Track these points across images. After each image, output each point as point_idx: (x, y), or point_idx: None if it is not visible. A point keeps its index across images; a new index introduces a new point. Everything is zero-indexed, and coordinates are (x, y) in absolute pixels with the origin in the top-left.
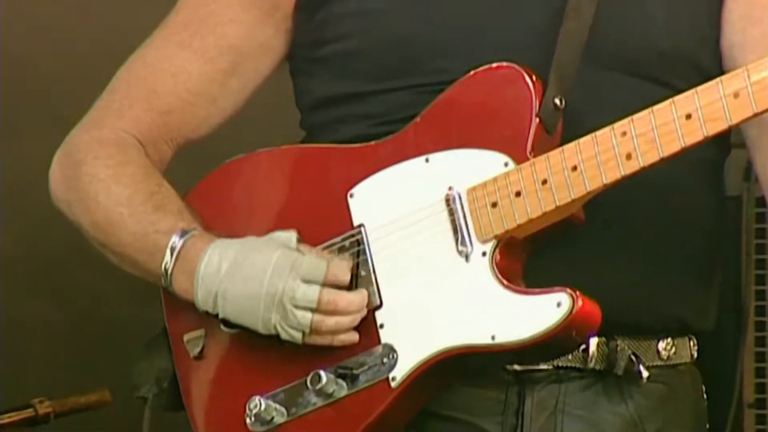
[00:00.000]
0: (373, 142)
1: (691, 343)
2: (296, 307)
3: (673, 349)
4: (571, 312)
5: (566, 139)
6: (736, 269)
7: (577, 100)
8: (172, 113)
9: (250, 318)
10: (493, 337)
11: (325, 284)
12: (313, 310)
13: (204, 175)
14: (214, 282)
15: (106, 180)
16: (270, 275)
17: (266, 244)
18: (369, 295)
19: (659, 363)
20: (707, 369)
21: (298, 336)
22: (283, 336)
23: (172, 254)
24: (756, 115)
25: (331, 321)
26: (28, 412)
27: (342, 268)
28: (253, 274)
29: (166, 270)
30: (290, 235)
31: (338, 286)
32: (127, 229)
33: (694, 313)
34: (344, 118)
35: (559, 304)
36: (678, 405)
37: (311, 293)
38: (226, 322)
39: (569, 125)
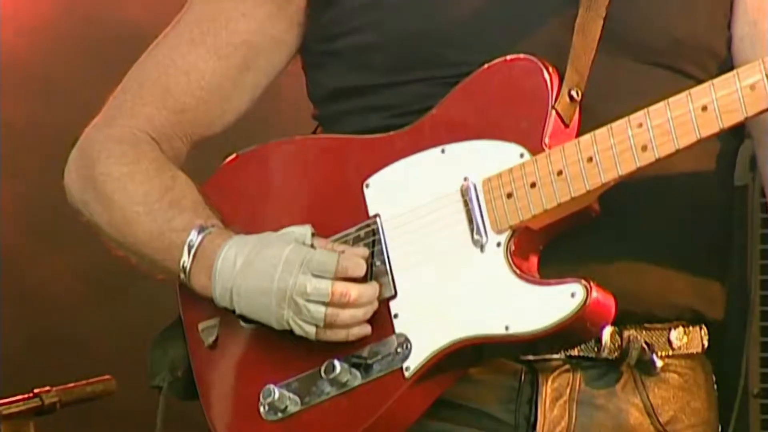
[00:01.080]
0: (389, 133)
1: (703, 333)
2: (309, 301)
3: (685, 339)
4: (585, 302)
5: (583, 130)
6: (741, 259)
7: (594, 90)
8: (186, 111)
9: (263, 313)
10: (507, 328)
11: (337, 278)
12: (326, 304)
13: (219, 165)
14: (230, 278)
15: (121, 178)
16: (280, 271)
17: (279, 239)
18: (383, 285)
19: (671, 353)
20: (712, 359)
21: (311, 330)
22: (297, 331)
23: (189, 252)
24: None
25: (345, 314)
26: (34, 402)
27: (353, 262)
28: (264, 270)
29: (184, 268)
30: (305, 230)
31: (351, 279)
32: (144, 228)
33: (706, 302)
34: (358, 110)
35: (573, 295)
36: (690, 394)
37: (323, 287)
38: (244, 318)
39: (586, 115)
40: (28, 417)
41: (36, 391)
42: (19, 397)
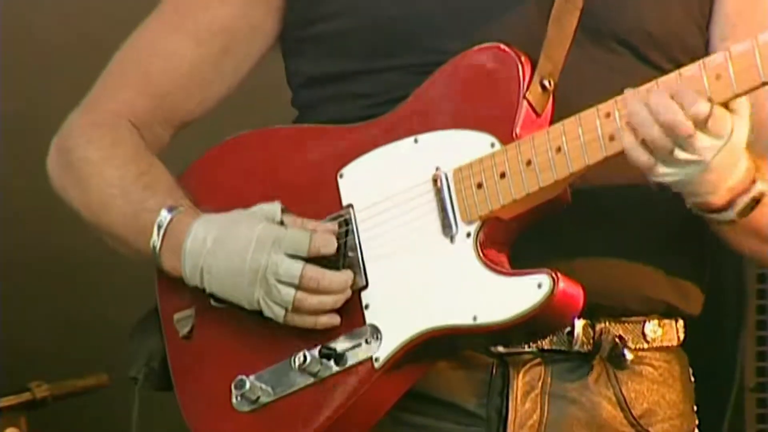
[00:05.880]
0: (364, 122)
1: (678, 326)
2: (279, 282)
3: (660, 332)
4: (551, 293)
5: (557, 120)
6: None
7: (570, 80)
8: (166, 97)
9: (234, 293)
10: (474, 318)
11: (309, 257)
12: (296, 287)
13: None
14: (200, 257)
15: (98, 162)
16: (253, 250)
17: (250, 217)
18: (355, 276)
19: (646, 346)
20: (708, 353)
21: (280, 312)
22: (266, 312)
23: (159, 231)
24: (737, 96)
25: (314, 299)
26: (25, 396)
27: (325, 240)
28: (237, 249)
29: (154, 247)
30: (275, 208)
31: (324, 258)
32: (119, 210)
33: (680, 296)
34: (335, 98)
35: (539, 285)
36: (666, 387)
37: (294, 268)
38: (216, 297)
39: (560, 106)
40: (19, 411)
41: (28, 384)
42: (11, 391)
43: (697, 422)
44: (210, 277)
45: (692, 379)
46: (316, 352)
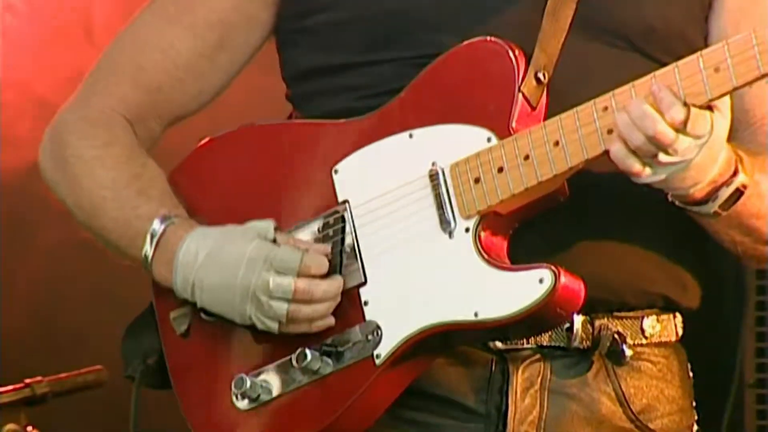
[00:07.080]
0: (358, 117)
1: (677, 321)
2: (272, 298)
3: (658, 327)
4: (553, 288)
5: (553, 113)
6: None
7: (565, 73)
8: (161, 90)
9: (226, 308)
10: (476, 314)
11: (299, 275)
12: (288, 300)
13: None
14: (191, 272)
15: (91, 162)
16: (244, 268)
17: (243, 234)
18: (353, 272)
19: (644, 341)
20: (708, 349)
21: (273, 326)
22: (259, 326)
23: (151, 242)
24: (736, 89)
25: (307, 309)
26: (25, 392)
27: (316, 260)
28: (228, 266)
29: (146, 257)
30: (268, 225)
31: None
32: (110, 214)
33: (680, 290)
34: (330, 90)
35: (541, 280)
36: (665, 383)
37: (286, 284)
38: (206, 311)
39: (556, 98)
40: (19, 407)
41: (27, 381)
42: (10, 387)
43: (696, 417)
44: (201, 293)
45: (691, 374)
46: (317, 350)
